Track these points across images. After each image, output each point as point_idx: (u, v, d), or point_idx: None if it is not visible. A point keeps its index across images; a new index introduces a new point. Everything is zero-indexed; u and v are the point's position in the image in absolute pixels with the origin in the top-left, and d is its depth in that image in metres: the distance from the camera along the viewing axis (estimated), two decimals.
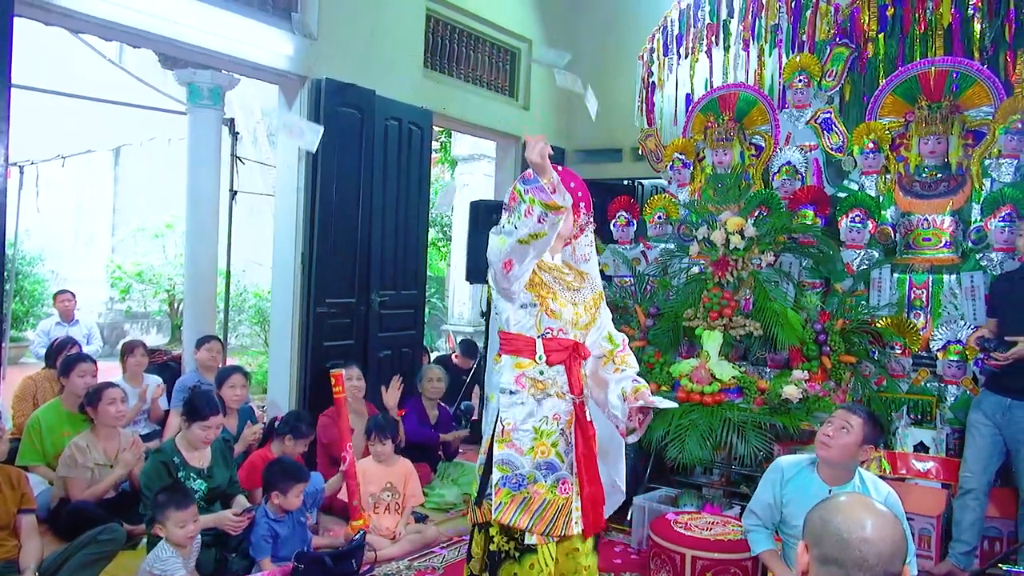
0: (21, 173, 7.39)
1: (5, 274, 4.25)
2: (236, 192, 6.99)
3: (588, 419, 2.58)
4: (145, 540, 3.53)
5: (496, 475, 2.48)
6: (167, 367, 6.17)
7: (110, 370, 6.24)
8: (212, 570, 3.49)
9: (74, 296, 7.30)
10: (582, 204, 2.59)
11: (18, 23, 3.87)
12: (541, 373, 2.52)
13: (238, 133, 7.24)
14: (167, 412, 5.21)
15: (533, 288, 2.50)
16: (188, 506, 3.19)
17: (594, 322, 2.64)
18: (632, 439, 2.52)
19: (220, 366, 5.29)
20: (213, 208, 6.14)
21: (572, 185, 2.51)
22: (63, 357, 4.79)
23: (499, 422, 2.51)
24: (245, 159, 7.43)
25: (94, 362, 4.64)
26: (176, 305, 10.60)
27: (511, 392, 2.51)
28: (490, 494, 2.50)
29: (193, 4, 4.56)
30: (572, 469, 2.54)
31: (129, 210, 12.17)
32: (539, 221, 2.24)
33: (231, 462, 3.94)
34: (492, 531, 2.51)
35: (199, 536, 3.31)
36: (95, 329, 7.47)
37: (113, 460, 4.00)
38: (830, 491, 2.75)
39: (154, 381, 5.26)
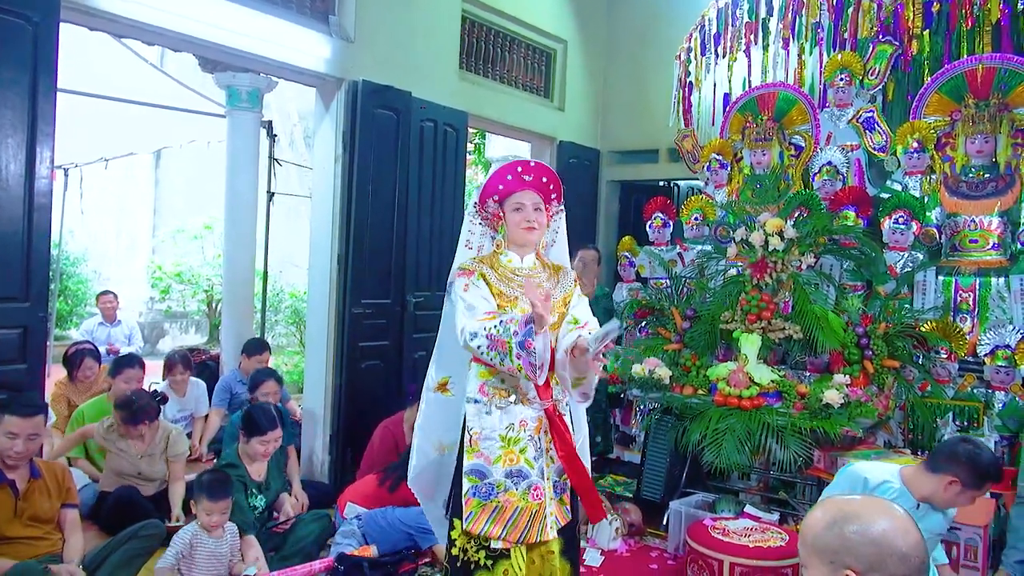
0: (65, 175, 7.57)
1: (50, 274, 4.35)
2: (273, 194, 7.07)
3: (564, 423, 2.56)
4: None
5: (466, 485, 2.47)
6: (206, 366, 6.27)
7: (151, 368, 6.35)
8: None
9: (116, 297, 7.45)
10: (554, 195, 2.70)
11: (62, 28, 3.94)
12: (502, 381, 2.54)
13: (276, 135, 7.33)
14: (206, 416, 5.32)
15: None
16: (221, 499, 3.27)
17: (561, 322, 2.62)
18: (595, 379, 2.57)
19: None
20: (251, 210, 6.21)
21: (544, 180, 2.64)
22: (115, 358, 4.91)
23: (466, 431, 2.53)
24: (282, 161, 7.52)
25: (142, 367, 4.73)
26: (214, 305, 10.77)
27: (475, 401, 2.54)
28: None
29: (233, 8, 4.61)
30: (543, 475, 2.53)
31: (169, 212, 12.38)
32: (510, 372, 2.40)
33: (283, 467, 4.02)
34: (454, 534, 2.51)
35: (233, 527, 3.37)
36: (136, 330, 7.62)
37: (143, 452, 4.10)
38: (918, 505, 2.77)
39: (199, 388, 5.34)
